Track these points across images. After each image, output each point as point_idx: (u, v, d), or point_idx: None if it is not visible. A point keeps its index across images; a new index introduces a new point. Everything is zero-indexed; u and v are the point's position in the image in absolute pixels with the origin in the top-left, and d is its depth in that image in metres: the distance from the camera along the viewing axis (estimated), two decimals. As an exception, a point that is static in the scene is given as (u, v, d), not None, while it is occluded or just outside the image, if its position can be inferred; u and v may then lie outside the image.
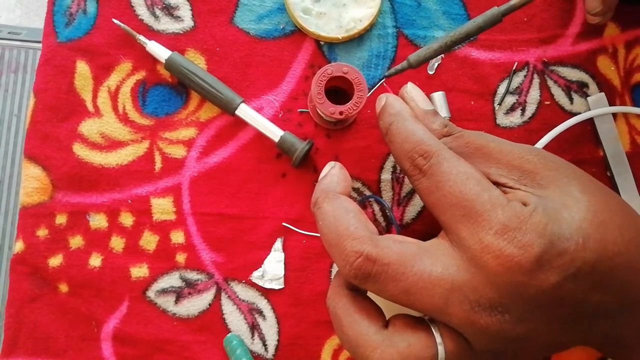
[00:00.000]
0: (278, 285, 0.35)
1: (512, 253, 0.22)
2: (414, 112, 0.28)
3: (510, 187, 0.25)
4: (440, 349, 0.23)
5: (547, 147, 0.35)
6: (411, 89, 0.30)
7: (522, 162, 0.25)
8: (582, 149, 0.36)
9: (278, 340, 0.35)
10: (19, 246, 0.35)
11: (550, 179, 0.25)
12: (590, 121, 0.36)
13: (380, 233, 0.35)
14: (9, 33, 0.79)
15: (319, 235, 0.35)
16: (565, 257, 0.22)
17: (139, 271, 0.35)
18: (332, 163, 0.30)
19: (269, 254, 0.35)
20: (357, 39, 0.36)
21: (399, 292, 0.23)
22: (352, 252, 0.24)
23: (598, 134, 0.36)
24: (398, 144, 0.27)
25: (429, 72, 0.36)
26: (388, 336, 0.24)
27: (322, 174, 0.29)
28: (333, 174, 0.28)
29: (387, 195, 0.35)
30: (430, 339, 0.24)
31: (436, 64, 0.36)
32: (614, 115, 0.36)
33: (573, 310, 0.23)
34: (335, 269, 0.35)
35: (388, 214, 0.35)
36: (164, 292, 0.35)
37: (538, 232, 0.22)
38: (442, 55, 0.36)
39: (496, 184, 0.25)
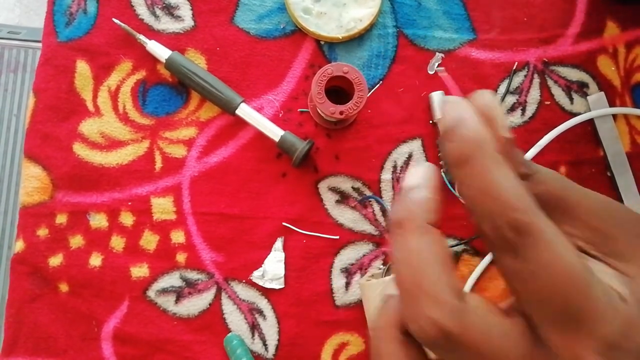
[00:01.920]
0: (278, 285, 0.35)
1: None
2: (498, 142, 0.19)
3: (589, 257, 0.20)
4: None
5: (547, 148, 0.35)
6: (492, 100, 0.20)
7: (605, 224, 0.20)
8: (583, 149, 0.36)
9: (278, 340, 0.35)
10: (19, 246, 0.35)
11: (634, 249, 0.20)
12: (590, 121, 0.36)
13: (381, 233, 0.35)
14: (8, 32, 0.79)
15: (319, 235, 0.35)
16: None
17: (139, 271, 0.35)
18: (428, 167, 0.20)
19: (269, 253, 0.35)
20: (358, 39, 0.36)
21: None
22: (428, 318, 0.18)
23: (598, 134, 0.36)
24: (478, 198, 0.19)
25: (429, 71, 0.36)
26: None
27: (414, 178, 0.21)
28: (430, 196, 0.20)
29: (387, 195, 0.35)
30: None
31: (436, 64, 0.36)
32: (614, 115, 0.36)
33: None
34: (335, 269, 0.35)
35: (385, 212, 0.35)
36: (164, 291, 0.35)
37: None
38: (443, 55, 0.36)
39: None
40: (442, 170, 0.33)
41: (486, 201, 0.18)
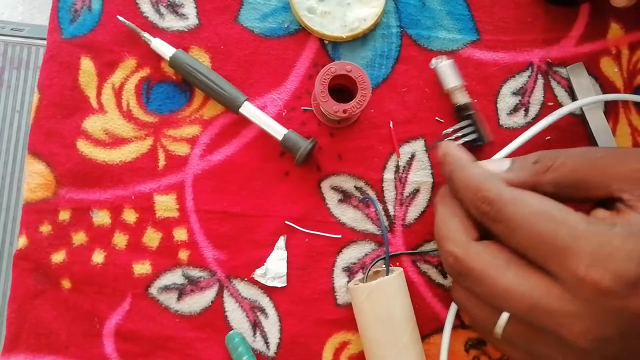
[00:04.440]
0: (280, 283, 0.35)
1: (607, 282, 0.22)
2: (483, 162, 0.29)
3: (631, 207, 0.24)
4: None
5: (538, 144, 0.35)
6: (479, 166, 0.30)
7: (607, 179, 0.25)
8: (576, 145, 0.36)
9: (280, 338, 0.35)
10: (22, 242, 0.35)
11: (631, 184, 0.25)
12: (583, 119, 0.36)
13: (382, 233, 0.35)
14: (11, 30, 0.79)
15: (322, 234, 0.35)
16: None
17: (141, 268, 0.35)
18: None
19: (271, 252, 0.35)
20: (361, 38, 0.36)
21: (484, 293, 0.25)
22: (447, 252, 0.27)
23: (590, 127, 0.35)
24: (461, 193, 0.28)
25: (430, 67, 0.36)
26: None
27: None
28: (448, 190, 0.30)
29: (389, 194, 0.35)
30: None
31: (438, 63, 0.36)
32: (616, 116, 0.36)
33: None
34: (337, 268, 0.35)
35: (378, 216, 0.35)
36: (166, 289, 0.35)
37: (631, 260, 0.22)
38: (445, 57, 0.36)
39: (619, 200, 0.25)
40: (458, 141, 0.35)
41: (465, 192, 0.27)
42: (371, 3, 0.36)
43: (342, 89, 0.34)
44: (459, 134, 0.35)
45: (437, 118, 0.36)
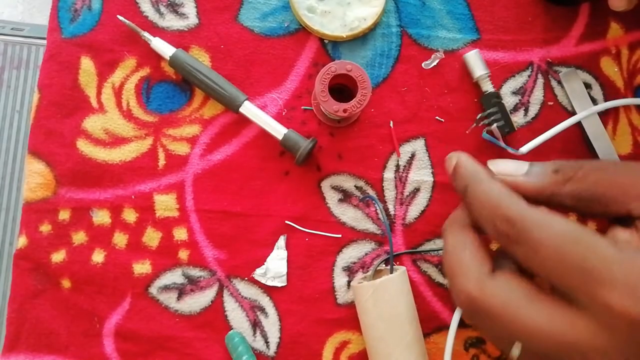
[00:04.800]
0: (280, 282, 0.35)
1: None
2: (488, 172, 0.27)
3: None
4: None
5: (542, 152, 0.35)
6: (498, 164, 0.28)
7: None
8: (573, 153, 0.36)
9: (280, 338, 0.35)
10: (22, 241, 0.35)
11: None
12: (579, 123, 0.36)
13: (383, 232, 0.35)
14: (11, 29, 0.79)
15: (322, 233, 0.35)
16: None
17: (141, 267, 0.35)
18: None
19: (271, 251, 0.35)
20: (361, 38, 0.36)
21: (505, 335, 0.23)
22: (459, 290, 0.25)
23: (587, 134, 0.36)
24: (478, 211, 0.26)
25: (423, 67, 0.36)
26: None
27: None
28: (459, 217, 0.28)
29: (390, 194, 0.35)
30: None
31: (435, 62, 0.36)
32: (617, 116, 0.36)
33: None
34: (337, 267, 0.35)
35: (380, 216, 0.35)
36: (166, 288, 0.35)
37: None
38: (442, 56, 0.36)
39: (638, 219, 0.24)
40: (486, 129, 0.35)
41: (482, 210, 0.25)
42: (371, 2, 0.36)
43: (342, 89, 0.34)
44: (491, 119, 0.35)
45: (437, 117, 0.36)
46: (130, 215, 0.35)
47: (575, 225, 0.23)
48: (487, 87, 0.35)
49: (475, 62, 0.35)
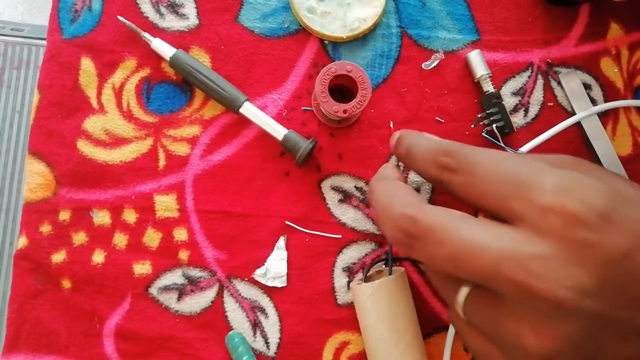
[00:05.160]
0: (280, 283, 0.35)
1: (576, 208, 0.20)
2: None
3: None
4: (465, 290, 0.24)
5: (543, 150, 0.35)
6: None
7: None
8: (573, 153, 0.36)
9: (280, 338, 0.35)
10: (22, 242, 0.35)
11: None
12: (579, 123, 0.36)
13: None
14: (11, 30, 0.79)
15: (322, 234, 0.35)
16: (632, 224, 0.20)
17: (141, 268, 0.35)
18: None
19: (271, 252, 0.35)
20: (361, 39, 0.36)
21: (445, 257, 0.22)
22: (399, 215, 0.24)
23: (586, 134, 0.36)
24: (420, 156, 0.27)
25: (423, 67, 0.36)
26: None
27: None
28: (388, 173, 0.29)
29: (390, 194, 0.35)
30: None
31: (435, 63, 0.36)
32: (616, 116, 0.36)
33: None
34: (337, 268, 0.35)
35: None
36: (166, 289, 0.35)
37: (597, 190, 0.21)
38: (442, 56, 0.36)
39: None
40: (486, 129, 0.36)
41: (426, 153, 0.27)
42: (371, 3, 0.36)
43: (342, 89, 0.34)
44: (490, 119, 0.35)
45: (437, 118, 0.36)
46: (130, 216, 0.35)
47: (509, 151, 0.25)
48: (488, 87, 0.35)
49: (478, 62, 0.35)
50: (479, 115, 0.36)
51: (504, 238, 0.21)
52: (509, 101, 0.36)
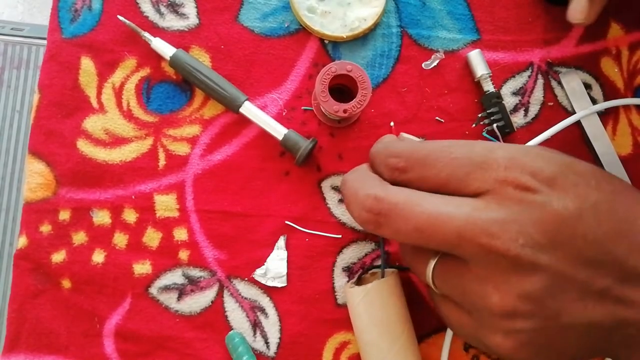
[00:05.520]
0: (280, 283, 0.35)
1: (527, 176, 0.23)
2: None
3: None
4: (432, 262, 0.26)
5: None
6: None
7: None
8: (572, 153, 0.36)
9: (280, 338, 0.35)
10: (22, 242, 0.35)
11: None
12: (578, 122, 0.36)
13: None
14: (11, 29, 0.79)
15: (322, 234, 0.35)
16: (580, 189, 0.23)
17: (141, 268, 0.35)
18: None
19: (271, 252, 0.35)
20: (362, 38, 0.36)
21: (411, 230, 0.24)
22: (364, 196, 0.26)
23: (586, 134, 0.36)
24: (377, 162, 0.28)
25: (423, 67, 0.36)
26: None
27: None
28: (360, 167, 0.31)
29: (390, 194, 0.35)
30: None
31: (435, 62, 0.36)
32: (617, 116, 0.36)
33: (596, 258, 0.22)
34: (337, 268, 0.35)
35: None
36: (166, 289, 0.35)
37: (544, 158, 0.23)
38: (442, 56, 0.36)
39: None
40: (486, 128, 0.36)
41: (377, 156, 0.28)
42: (371, 3, 0.36)
43: (342, 89, 0.34)
44: (491, 119, 0.35)
45: (437, 118, 0.36)
46: (130, 216, 0.35)
47: (455, 139, 0.27)
48: (488, 87, 0.35)
49: (478, 61, 0.35)
50: (480, 115, 0.36)
51: (466, 207, 0.23)
52: (509, 101, 0.36)
